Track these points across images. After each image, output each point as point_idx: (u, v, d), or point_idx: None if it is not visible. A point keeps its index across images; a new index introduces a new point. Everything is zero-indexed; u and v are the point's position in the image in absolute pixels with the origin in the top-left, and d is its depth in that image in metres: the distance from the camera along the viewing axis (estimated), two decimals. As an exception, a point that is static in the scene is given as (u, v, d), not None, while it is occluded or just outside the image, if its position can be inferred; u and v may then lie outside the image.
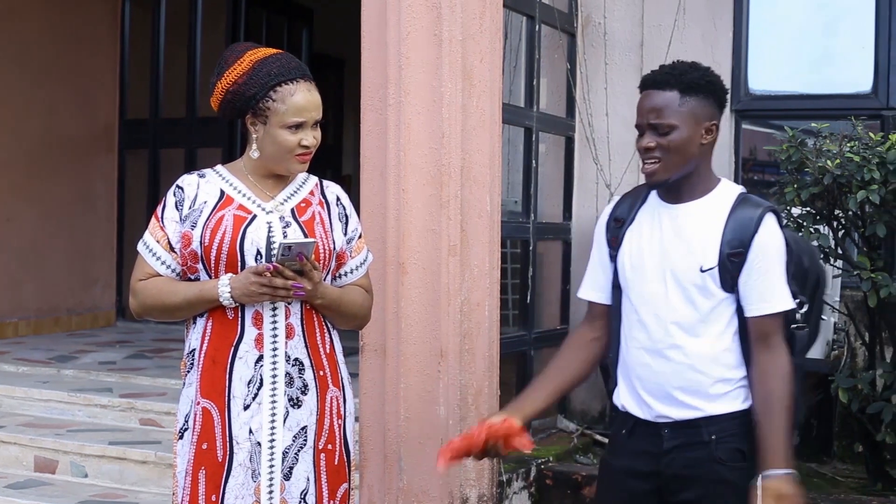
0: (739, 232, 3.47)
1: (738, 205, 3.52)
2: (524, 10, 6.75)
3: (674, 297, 3.51)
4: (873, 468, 6.16)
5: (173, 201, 3.70)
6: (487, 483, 5.74)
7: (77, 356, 8.55)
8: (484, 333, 5.67)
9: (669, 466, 3.54)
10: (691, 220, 3.54)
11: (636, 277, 3.59)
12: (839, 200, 5.73)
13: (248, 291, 3.54)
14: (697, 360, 3.51)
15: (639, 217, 3.64)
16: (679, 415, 3.53)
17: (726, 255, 3.46)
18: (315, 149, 3.68)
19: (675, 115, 3.48)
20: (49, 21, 9.70)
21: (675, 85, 3.51)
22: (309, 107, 3.64)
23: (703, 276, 3.47)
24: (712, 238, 3.49)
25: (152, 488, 6.32)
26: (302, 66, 3.70)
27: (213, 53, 10.22)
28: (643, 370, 3.57)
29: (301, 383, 3.65)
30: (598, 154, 7.25)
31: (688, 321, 3.51)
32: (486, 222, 5.66)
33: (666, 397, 3.54)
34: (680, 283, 3.50)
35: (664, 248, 3.54)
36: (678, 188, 3.55)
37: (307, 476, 3.66)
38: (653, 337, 3.55)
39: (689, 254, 3.50)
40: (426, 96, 5.45)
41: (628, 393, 3.64)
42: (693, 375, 3.51)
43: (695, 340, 3.51)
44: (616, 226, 3.68)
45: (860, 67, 6.98)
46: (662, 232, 3.57)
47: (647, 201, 3.66)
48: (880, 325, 6.06)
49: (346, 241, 3.79)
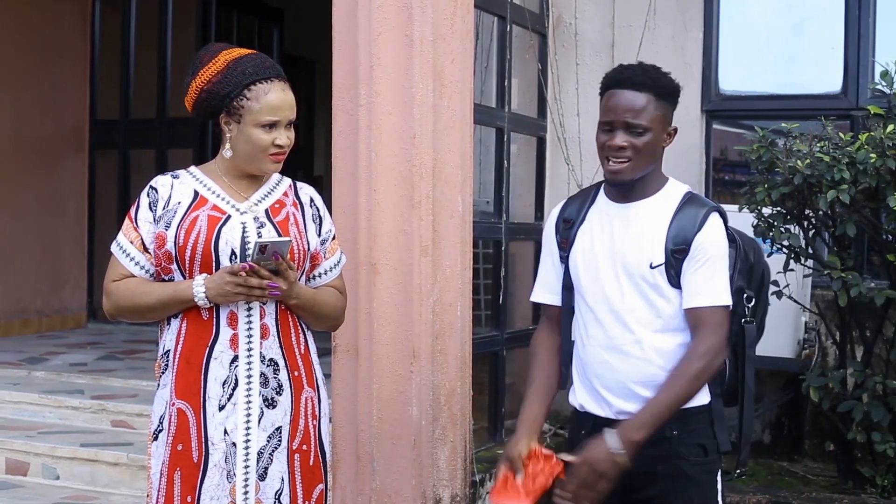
0: (683, 230, 3.51)
1: (684, 204, 3.57)
2: (495, 11, 6.76)
3: (628, 294, 3.54)
4: (844, 467, 6.19)
5: (147, 202, 3.68)
6: (460, 483, 5.74)
7: (48, 358, 8.51)
8: (456, 334, 5.67)
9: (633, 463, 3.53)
10: (640, 219, 3.57)
11: (589, 276, 3.61)
12: (809, 200, 5.76)
13: (223, 291, 3.53)
14: (655, 355, 3.53)
15: (589, 217, 3.67)
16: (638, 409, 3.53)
17: (671, 251, 3.50)
18: (289, 149, 3.68)
19: (649, 117, 3.51)
20: (17, 22, 9.65)
21: (651, 88, 3.53)
22: (283, 106, 3.63)
23: (652, 272, 3.51)
24: (659, 235, 3.52)
25: (124, 490, 6.30)
26: (276, 66, 3.70)
27: (184, 54, 10.20)
28: (602, 367, 3.59)
29: (276, 383, 3.65)
30: (570, 154, 7.26)
31: (644, 317, 3.54)
32: (457, 223, 5.66)
33: (626, 393, 3.56)
34: (633, 280, 3.54)
35: (615, 247, 3.57)
36: (630, 188, 3.58)
37: (281, 476, 3.65)
38: (610, 334, 3.57)
39: (639, 251, 3.53)
40: (397, 97, 5.44)
41: (586, 392, 3.66)
42: (652, 370, 3.52)
43: (652, 335, 3.54)
44: (566, 227, 3.71)
45: (830, 68, 7.02)
46: (613, 231, 3.60)
47: (596, 202, 3.69)
48: (851, 324, 6.09)
49: (319, 243, 3.79)
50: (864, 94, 6.77)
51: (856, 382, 5.89)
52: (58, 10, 10.07)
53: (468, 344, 5.81)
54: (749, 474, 6.42)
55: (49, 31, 9.98)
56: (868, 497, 5.87)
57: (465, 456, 5.80)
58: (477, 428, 6.20)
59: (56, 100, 10.13)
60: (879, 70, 5.97)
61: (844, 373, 5.94)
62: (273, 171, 3.71)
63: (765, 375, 6.78)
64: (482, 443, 6.50)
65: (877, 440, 5.83)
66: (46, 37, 9.95)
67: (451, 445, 5.67)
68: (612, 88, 3.58)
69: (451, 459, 5.66)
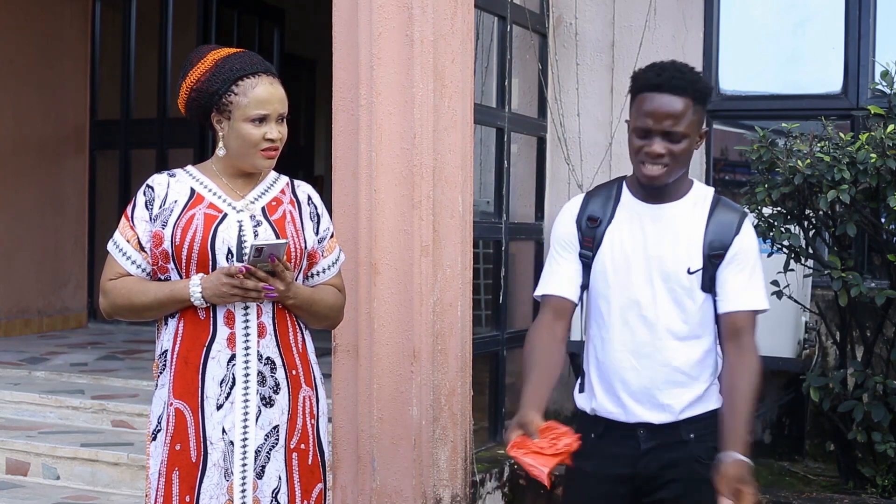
0: (721, 234, 3.48)
1: (715, 207, 3.54)
2: (495, 11, 6.75)
3: (662, 300, 3.50)
4: (845, 467, 6.18)
5: (143, 201, 3.69)
6: (461, 483, 5.74)
7: (48, 358, 8.52)
8: (456, 333, 5.67)
9: (647, 467, 3.54)
10: (675, 222, 3.52)
11: (619, 279, 3.54)
12: (810, 200, 5.76)
13: (220, 293, 3.53)
14: (684, 364, 3.51)
15: (617, 216, 3.59)
16: (660, 419, 3.53)
17: (708, 256, 3.47)
18: (281, 144, 3.67)
19: (688, 123, 3.42)
20: (17, 23, 9.64)
21: (690, 93, 3.43)
22: (271, 99, 3.62)
23: (690, 277, 3.47)
24: (695, 239, 3.49)
25: (124, 490, 6.30)
26: (265, 62, 3.70)
27: (184, 54, 10.06)
28: (629, 374, 3.54)
29: (273, 382, 3.65)
30: (570, 154, 7.26)
31: (676, 323, 3.50)
32: (458, 223, 5.66)
33: (649, 401, 3.52)
34: (668, 285, 3.49)
35: (649, 250, 3.51)
36: (659, 189, 3.52)
37: (279, 475, 3.65)
38: (639, 340, 3.52)
39: (676, 255, 3.49)
40: (398, 97, 5.44)
41: (605, 395, 3.59)
42: (680, 378, 3.51)
43: (682, 343, 3.51)
44: (590, 225, 3.61)
45: (830, 68, 7.01)
46: (645, 233, 3.53)
47: (622, 200, 3.61)
48: (851, 324, 6.09)
49: (317, 241, 3.79)
50: (864, 94, 6.76)
51: (856, 382, 5.88)
52: (58, 11, 10.08)
53: (468, 344, 5.81)
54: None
55: (49, 31, 9.98)
56: (869, 497, 5.87)
57: (466, 456, 5.80)
58: (477, 428, 6.20)
59: (56, 100, 10.13)
60: (880, 70, 5.97)
61: (845, 373, 5.94)
62: (266, 167, 3.70)
63: (765, 375, 6.75)
64: (482, 443, 6.50)
65: (877, 440, 5.82)
66: (47, 37, 9.95)
67: (452, 445, 5.67)
68: (648, 91, 3.46)
69: (451, 459, 5.66)
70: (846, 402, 5.86)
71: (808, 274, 6.18)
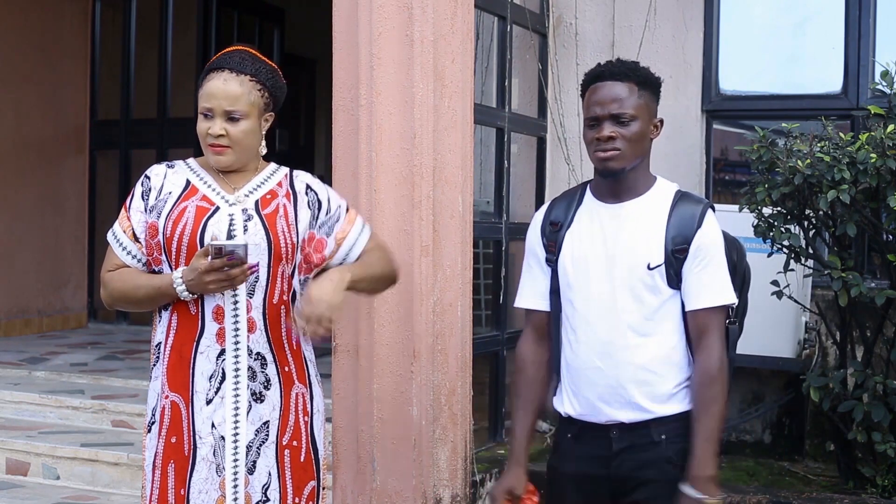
0: (682, 228, 3.49)
1: (677, 201, 3.54)
2: (495, 11, 6.76)
3: (622, 297, 3.50)
4: (845, 466, 6.19)
5: (140, 191, 3.70)
6: (461, 483, 5.74)
7: (48, 358, 8.52)
8: (457, 334, 5.67)
9: (620, 468, 3.54)
10: (633, 218, 3.53)
11: (580, 280, 3.57)
12: (810, 200, 5.76)
13: (205, 290, 3.53)
14: (649, 361, 3.50)
15: (577, 218, 3.63)
16: (630, 417, 3.52)
17: (671, 251, 3.47)
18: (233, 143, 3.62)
19: (635, 106, 3.51)
20: (18, 22, 9.64)
21: (633, 78, 3.54)
22: (216, 94, 3.60)
23: (650, 273, 3.47)
24: (656, 235, 3.49)
25: (124, 490, 6.31)
26: (244, 61, 3.66)
27: (184, 54, 10.21)
28: (594, 374, 3.54)
29: (263, 378, 3.64)
30: (570, 154, 7.26)
31: (638, 321, 3.50)
32: (458, 223, 5.66)
33: (618, 400, 3.52)
34: (627, 282, 3.49)
35: (608, 248, 3.53)
36: (618, 187, 3.55)
37: (269, 471, 3.65)
38: (602, 339, 3.53)
39: (634, 252, 3.49)
40: (398, 97, 5.44)
41: (574, 397, 3.61)
42: (645, 376, 3.50)
43: (645, 340, 3.50)
44: (552, 230, 3.66)
45: (830, 68, 7.02)
46: (604, 232, 3.55)
47: (584, 202, 3.65)
48: (851, 324, 6.09)
49: (320, 225, 3.77)
50: (864, 94, 6.77)
51: (856, 382, 5.89)
52: (58, 10, 10.08)
53: (468, 344, 5.81)
54: (750, 474, 6.43)
55: (50, 31, 9.99)
56: (869, 497, 5.87)
57: (466, 456, 5.80)
58: (477, 428, 6.20)
59: (57, 100, 10.13)
60: (880, 70, 5.98)
61: (845, 373, 5.94)
62: (216, 163, 3.67)
63: (765, 375, 6.79)
64: (482, 443, 6.50)
65: (877, 440, 5.83)
66: (47, 37, 9.95)
67: (452, 445, 5.67)
68: (592, 83, 3.58)
69: (451, 459, 5.66)
70: (846, 402, 5.87)
71: (808, 274, 6.18)
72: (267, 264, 3.62)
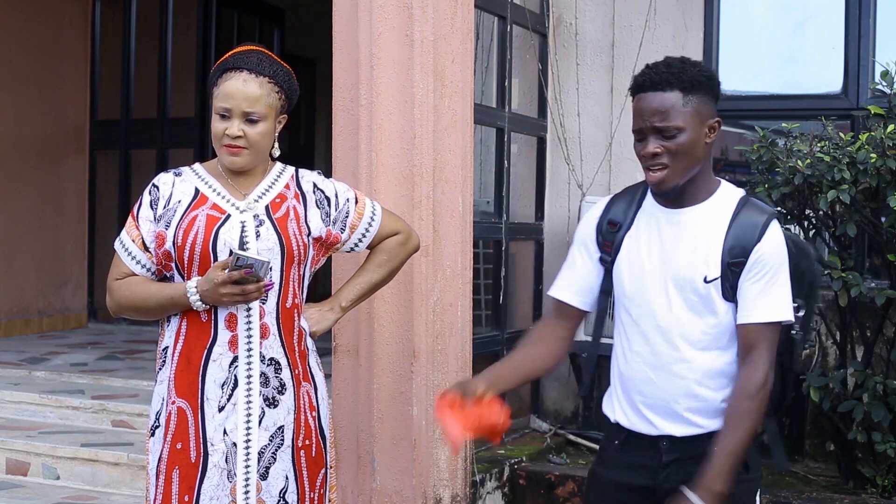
0: (742, 239, 3.32)
1: (740, 210, 3.37)
2: (495, 11, 6.75)
3: (677, 309, 3.37)
4: (845, 466, 6.18)
5: (148, 200, 3.69)
6: (461, 483, 5.74)
7: (48, 358, 8.51)
8: (457, 333, 5.67)
9: (668, 480, 3.40)
10: (693, 227, 3.37)
11: (636, 288, 3.43)
12: (810, 200, 5.76)
13: (221, 303, 3.54)
14: (703, 375, 3.37)
15: (637, 221, 3.47)
16: (682, 432, 3.40)
17: (727, 264, 3.32)
18: (249, 144, 3.62)
19: (680, 116, 3.30)
20: (18, 22, 9.64)
21: (676, 84, 3.32)
22: (235, 95, 3.59)
23: (706, 286, 3.33)
24: (714, 246, 3.33)
25: (125, 490, 6.30)
26: (262, 62, 3.66)
27: (185, 54, 10.21)
28: (646, 386, 3.42)
29: (278, 382, 3.64)
30: (570, 154, 7.26)
31: (692, 333, 3.36)
32: (458, 223, 5.65)
33: (669, 414, 3.41)
34: (683, 294, 3.35)
35: (665, 258, 3.38)
36: (680, 193, 3.37)
37: (286, 475, 3.65)
38: (656, 351, 3.40)
39: (692, 263, 3.34)
40: (398, 97, 5.44)
41: (627, 406, 3.49)
42: (700, 391, 3.37)
43: (701, 354, 3.37)
44: (610, 229, 3.50)
45: (830, 68, 7.00)
46: (662, 239, 3.40)
47: (644, 205, 3.49)
48: (851, 324, 6.09)
49: (333, 221, 3.78)
50: (864, 94, 6.76)
51: (856, 382, 5.89)
52: (58, 10, 10.07)
53: (468, 344, 5.80)
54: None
55: (50, 31, 9.98)
56: (869, 497, 5.87)
57: (466, 456, 5.80)
58: (477, 428, 6.19)
59: (56, 100, 10.12)
60: (880, 70, 5.97)
61: (845, 373, 5.94)
62: (230, 164, 3.66)
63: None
64: (482, 443, 6.49)
65: (877, 440, 5.83)
66: (47, 37, 9.95)
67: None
68: (637, 93, 3.39)
69: (451, 459, 5.66)
70: (846, 402, 5.86)
71: (808, 274, 6.17)
72: (280, 268, 3.62)
